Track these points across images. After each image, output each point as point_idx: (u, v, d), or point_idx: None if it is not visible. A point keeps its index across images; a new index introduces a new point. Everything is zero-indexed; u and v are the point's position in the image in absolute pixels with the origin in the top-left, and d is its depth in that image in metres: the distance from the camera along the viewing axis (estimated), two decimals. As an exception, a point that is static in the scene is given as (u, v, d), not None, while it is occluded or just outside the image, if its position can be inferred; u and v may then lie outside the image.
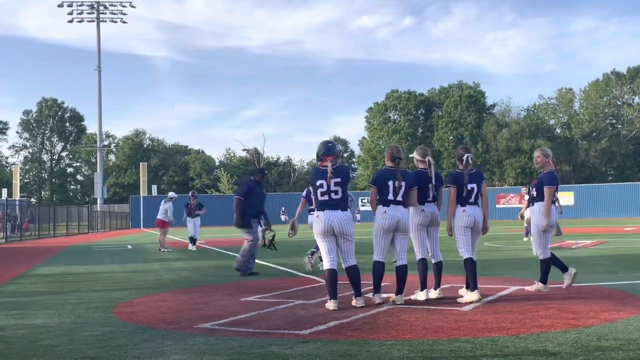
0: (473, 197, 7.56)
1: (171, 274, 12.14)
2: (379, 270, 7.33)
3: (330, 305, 7.01)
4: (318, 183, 7.18)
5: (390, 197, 7.28)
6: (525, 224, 19.03)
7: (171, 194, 20.88)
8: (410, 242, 7.62)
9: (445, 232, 7.95)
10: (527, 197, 19.41)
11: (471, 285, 7.36)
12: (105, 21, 64.87)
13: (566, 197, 59.21)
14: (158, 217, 20.18)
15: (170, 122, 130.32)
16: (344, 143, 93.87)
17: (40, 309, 7.76)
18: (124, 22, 65.14)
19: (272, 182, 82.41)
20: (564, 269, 8.23)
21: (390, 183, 7.31)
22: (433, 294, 7.59)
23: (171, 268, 13.47)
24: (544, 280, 8.07)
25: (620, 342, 4.99)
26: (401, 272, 7.36)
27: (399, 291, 7.35)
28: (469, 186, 7.52)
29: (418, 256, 7.63)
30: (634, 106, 74.55)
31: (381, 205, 7.34)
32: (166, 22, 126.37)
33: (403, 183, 7.27)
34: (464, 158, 7.66)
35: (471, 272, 7.40)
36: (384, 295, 7.47)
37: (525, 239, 19.59)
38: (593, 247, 16.63)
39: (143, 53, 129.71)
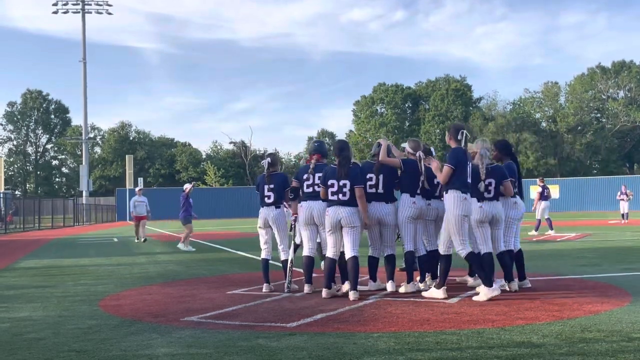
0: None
1: (157, 266, 12.10)
2: (335, 264, 7.48)
3: (307, 288, 7.65)
4: (304, 177, 7.76)
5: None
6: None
7: (137, 188, 21.88)
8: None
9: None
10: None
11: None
12: (91, 12, 64.23)
13: (551, 190, 59.49)
14: (138, 212, 20.92)
15: (157, 115, 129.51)
16: (332, 136, 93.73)
17: (25, 302, 7.71)
18: (110, 14, 64.59)
19: (258, 175, 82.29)
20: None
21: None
22: (419, 286, 7.66)
23: (157, 261, 13.42)
24: (521, 277, 7.84)
25: (604, 334, 5.04)
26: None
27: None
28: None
29: (406, 248, 7.68)
30: (619, 100, 74.99)
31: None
32: (156, 14, 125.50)
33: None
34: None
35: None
36: (364, 287, 7.70)
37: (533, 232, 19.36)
38: (577, 240, 16.77)
39: (132, 45, 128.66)
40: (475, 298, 6.93)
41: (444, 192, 7.14)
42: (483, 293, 6.89)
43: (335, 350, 4.69)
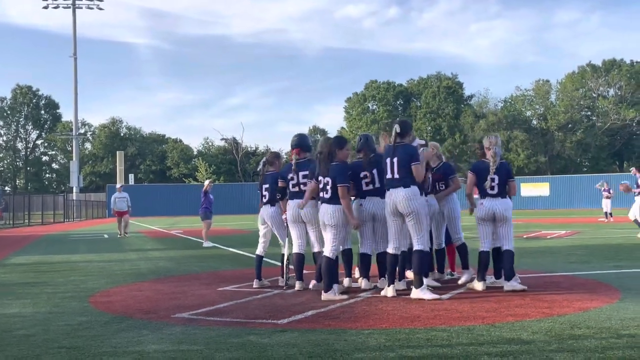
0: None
1: (148, 263, 12.07)
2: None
3: (297, 285, 7.68)
4: (289, 176, 7.76)
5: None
6: None
7: (118, 185, 23.38)
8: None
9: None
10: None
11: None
12: (81, 7, 63.84)
13: (541, 188, 59.98)
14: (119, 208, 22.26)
15: (149, 111, 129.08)
16: (323, 133, 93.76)
17: (15, 298, 7.68)
18: (100, 9, 64.19)
19: (250, 171, 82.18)
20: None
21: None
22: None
23: (148, 257, 13.39)
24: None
25: (593, 331, 5.08)
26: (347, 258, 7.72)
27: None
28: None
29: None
30: (609, 98, 75.32)
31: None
32: (149, 9, 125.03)
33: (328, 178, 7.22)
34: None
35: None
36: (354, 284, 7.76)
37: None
38: (567, 237, 16.85)
39: (124, 40, 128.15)
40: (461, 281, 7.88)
41: None
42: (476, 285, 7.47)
43: (326, 347, 4.70)
